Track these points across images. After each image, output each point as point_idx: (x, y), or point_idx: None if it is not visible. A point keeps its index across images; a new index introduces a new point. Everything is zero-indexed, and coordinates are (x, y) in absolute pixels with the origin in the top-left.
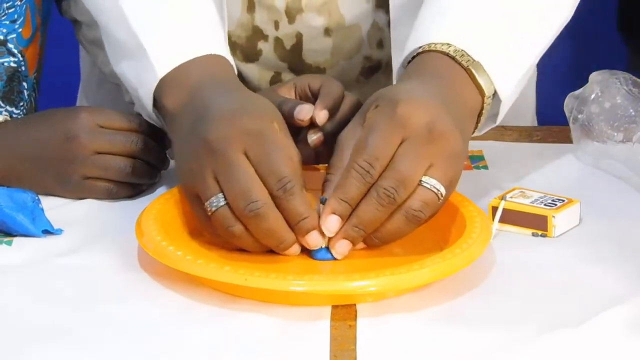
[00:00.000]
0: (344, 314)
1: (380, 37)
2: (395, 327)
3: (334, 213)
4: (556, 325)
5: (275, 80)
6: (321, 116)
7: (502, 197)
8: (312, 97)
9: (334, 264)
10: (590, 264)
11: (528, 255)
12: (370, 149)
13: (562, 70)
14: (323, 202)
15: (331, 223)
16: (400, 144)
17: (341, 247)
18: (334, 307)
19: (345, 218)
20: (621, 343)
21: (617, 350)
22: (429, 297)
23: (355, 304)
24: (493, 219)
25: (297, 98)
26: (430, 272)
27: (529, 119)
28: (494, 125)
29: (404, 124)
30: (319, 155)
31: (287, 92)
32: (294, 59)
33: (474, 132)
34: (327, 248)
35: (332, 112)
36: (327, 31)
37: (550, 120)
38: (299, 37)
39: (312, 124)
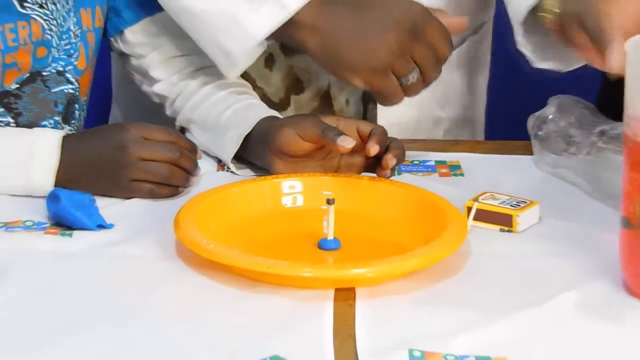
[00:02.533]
0: (345, 295)
1: None
2: (387, 306)
3: None
4: (521, 306)
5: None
6: (374, 149)
7: (476, 199)
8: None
9: (337, 253)
10: (548, 255)
11: (497, 247)
12: None
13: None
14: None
15: None
16: None
17: None
18: (337, 290)
19: None
20: (572, 320)
21: (569, 325)
22: (416, 282)
23: (354, 288)
24: (468, 217)
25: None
26: (417, 261)
27: (480, 136)
28: None
29: None
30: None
31: (330, 123)
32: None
33: None
34: (334, 239)
35: (382, 148)
36: None
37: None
38: None
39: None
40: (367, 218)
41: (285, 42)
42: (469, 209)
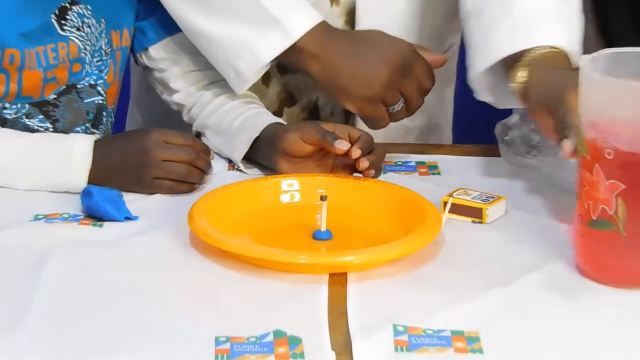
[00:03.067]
0: (338, 279)
1: None
2: (374, 288)
3: None
4: (491, 286)
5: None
6: (356, 153)
7: (451, 195)
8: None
9: (329, 243)
10: (513, 243)
11: (469, 236)
12: None
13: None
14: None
15: None
16: None
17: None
18: (330, 274)
19: None
20: (533, 297)
21: (531, 302)
22: (399, 267)
23: (346, 272)
24: (444, 211)
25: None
26: (400, 249)
27: (447, 141)
28: None
29: None
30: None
31: (329, 128)
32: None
33: None
34: (326, 231)
35: (364, 152)
36: None
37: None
38: None
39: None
40: (356, 212)
41: (291, 65)
42: (445, 204)
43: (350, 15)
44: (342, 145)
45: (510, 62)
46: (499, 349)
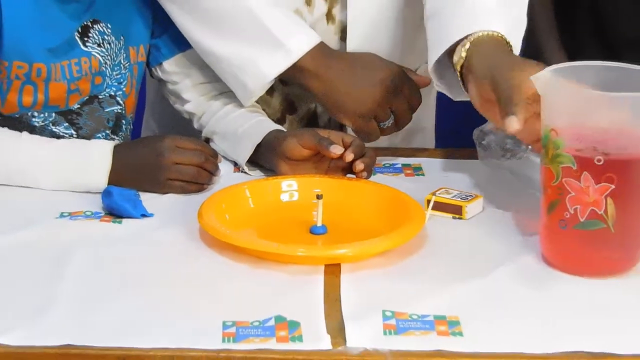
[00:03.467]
0: (332, 269)
1: None
2: (365, 278)
3: None
4: (470, 275)
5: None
6: (350, 157)
7: (433, 193)
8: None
9: (325, 237)
10: (489, 237)
11: (450, 231)
12: None
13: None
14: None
15: None
16: None
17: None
18: (326, 265)
19: None
20: (508, 286)
21: (505, 289)
22: (387, 259)
23: (340, 264)
24: (427, 207)
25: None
26: (388, 243)
27: (430, 143)
28: None
29: None
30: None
31: (324, 135)
32: None
33: None
34: (322, 226)
35: (357, 156)
36: None
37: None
38: None
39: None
40: (348, 209)
41: (293, 82)
42: (429, 201)
43: (345, 32)
44: (336, 150)
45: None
46: (477, 332)
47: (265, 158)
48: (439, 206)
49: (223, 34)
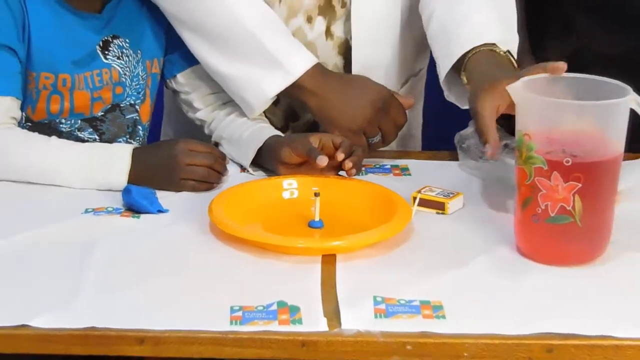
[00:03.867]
0: (329, 259)
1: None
2: (358, 267)
3: None
4: (451, 265)
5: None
6: (340, 156)
7: (419, 191)
8: (334, 148)
9: (322, 231)
10: (469, 231)
11: (434, 225)
12: None
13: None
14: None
15: None
16: None
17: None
18: (323, 256)
19: None
20: (486, 274)
21: (483, 278)
22: (378, 250)
23: (335, 254)
24: (414, 204)
25: (321, 147)
26: (378, 235)
27: (418, 147)
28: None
29: None
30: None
31: (315, 141)
32: None
33: None
34: (319, 221)
35: (347, 155)
36: None
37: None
38: None
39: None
40: (343, 206)
41: (292, 99)
42: (414, 198)
43: (342, 47)
44: (321, 161)
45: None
46: (458, 315)
47: (266, 161)
48: (424, 203)
49: (228, 55)
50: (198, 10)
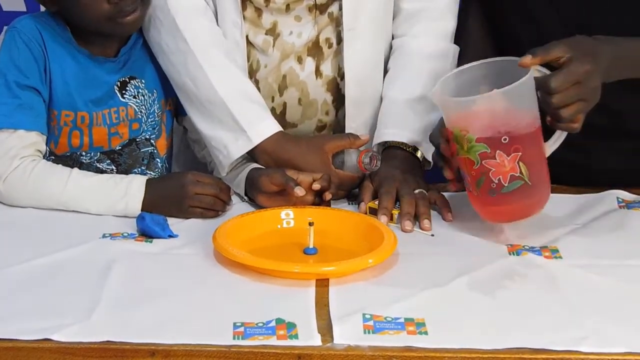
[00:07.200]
0: (322, 282)
1: (327, 109)
2: (349, 288)
3: None
4: (432, 286)
5: None
6: (316, 187)
7: (373, 202)
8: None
9: (316, 257)
10: (450, 254)
11: (418, 249)
12: None
13: None
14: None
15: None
16: None
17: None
18: (317, 279)
19: None
20: (464, 294)
21: (462, 297)
22: (367, 273)
23: (328, 278)
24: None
25: (298, 181)
26: (367, 261)
27: None
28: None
29: None
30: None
31: (292, 173)
32: (281, 121)
33: None
34: (313, 248)
35: (324, 188)
36: (299, 101)
37: None
38: (284, 105)
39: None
40: (335, 234)
41: (259, 163)
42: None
43: (331, 85)
44: (299, 192)
45: None
46: (439, 331)
47: (250, 192)
48: (375, 212)
49: (204, 117)
50: (184, 75)
